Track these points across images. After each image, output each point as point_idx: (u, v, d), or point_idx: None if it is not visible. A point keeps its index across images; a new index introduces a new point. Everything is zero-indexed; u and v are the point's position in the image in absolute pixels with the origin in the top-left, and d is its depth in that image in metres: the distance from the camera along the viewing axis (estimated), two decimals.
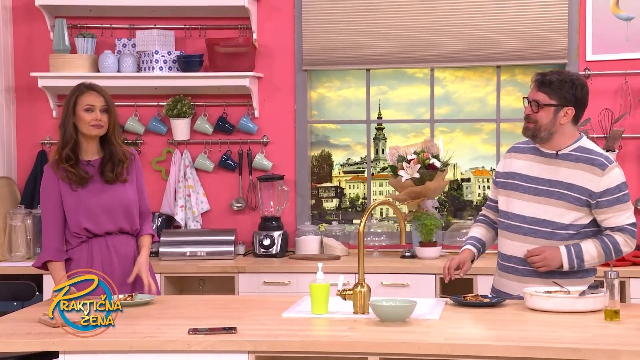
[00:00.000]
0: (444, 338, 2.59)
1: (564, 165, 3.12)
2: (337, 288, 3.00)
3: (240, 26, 4.91)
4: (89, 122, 3.32)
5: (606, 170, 3.08)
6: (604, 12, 4.57)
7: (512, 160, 3.25)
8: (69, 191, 3.36)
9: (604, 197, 3.07)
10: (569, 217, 3.11)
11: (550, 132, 3.12)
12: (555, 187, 3.12)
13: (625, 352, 2.41)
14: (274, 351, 2.61)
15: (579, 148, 3.13)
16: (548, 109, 3.10)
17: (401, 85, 5.02)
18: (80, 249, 3.40)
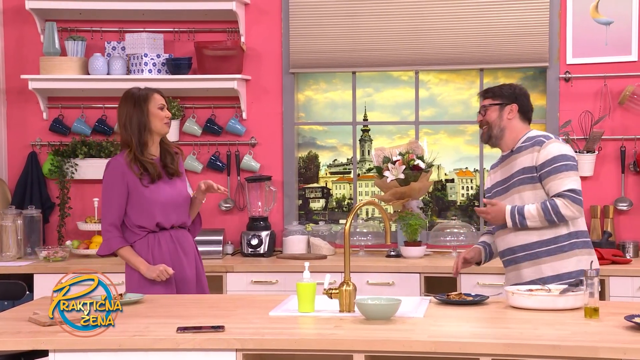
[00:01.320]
0: (428, 336, 2.59)
1: (517, 158, 3.36)
2: (323, 287, 3.00)
3: (228, 29, 4.91)
4: (163, 120, 3.51)
5: (543, 145, 3.30)
6: (583, 16, 4.59)
7: (491, 177, 3.54)
8: (139, 186, 3.47)
9: (543, 168, 3.28)
10: (536, 197, 3.29)
11: (501, 129, 3.39)
12: (516, 177, 3.35)
13: (604, 349, 2.42)
14: (261, 349, 2.61)
15: (527, 139, 3.38)
16: (493, 109, 3.40)
17: (386, 88, 5.02)
18: (145, 241, 3.49)
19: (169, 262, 3.48)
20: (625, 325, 2.64)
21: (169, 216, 3.51)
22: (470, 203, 4.92)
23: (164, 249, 3.50)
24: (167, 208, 3.50)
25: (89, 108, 5.02)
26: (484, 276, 4.19)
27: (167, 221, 3.51)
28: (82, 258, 4.67)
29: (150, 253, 3.48)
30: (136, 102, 3.50)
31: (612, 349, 2.42)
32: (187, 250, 3.56)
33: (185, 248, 3.56)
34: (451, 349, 2.51)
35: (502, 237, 3.38)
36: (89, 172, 4.89)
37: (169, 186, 3.53)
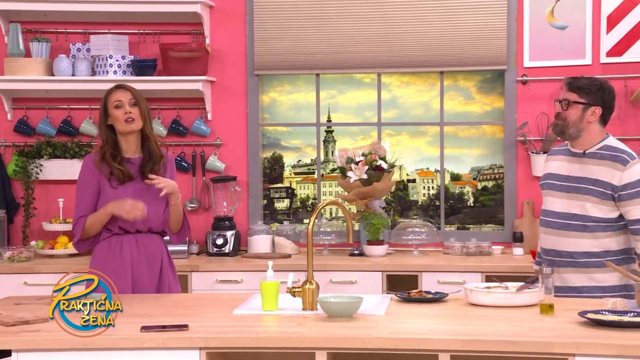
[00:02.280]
0: (388, 332, 2.61)
1: (590, 163, 3.24)
2: (287, 285, 3.00)
3: (193, 32, 4.89)
4: (122, 118, 3.32)
5: (627, 165, 3.19)
6: (540, 21, 4.65)
7: (550, 163, 3.40)
8: (108, 187, 3.36)
9: (625, 190, 3.17)
10: (596, 211, 3.21)
11: (579, 130, 3.24)
12: (583, 184, 3.24)
13: (558, 344, 2.46)
14: (225, 347, 2.60)
15: (605, 147, 3.26)
16: (577, 107, 3.23)
17: (349, 90, 5.04)
18: (109, 241, 3.40)
19: (128, 266, 3.37)
20: (579, 321, 2.68)
21: (134, 222, 3.35)
22: (432, 202, 4.96)
23: (125, 253, 3.38)
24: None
25: (54, 109, 4.96)
26: (444, 274, 4.22)
27: (130, 225, 3.38)
28: (47, 258, 4.62)
29: (110, 254, 3.39)
30: (102, 104, 3.42)
31: (566, 344, 2.45)
32: (151, 257, 3.43)
33: (149, 254, 3.42)
34: (411, 346, 2.53)
35: (550, 237, 3.29)
36: (53, 173, 4.83)
37: (142, 190, 3.39)
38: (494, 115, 4.85)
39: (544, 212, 3.36)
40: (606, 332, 2.53)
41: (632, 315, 2.65)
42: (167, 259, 3.51)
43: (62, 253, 4.63)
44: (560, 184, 3.30)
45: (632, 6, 4.56)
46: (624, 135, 4.60)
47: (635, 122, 4.61)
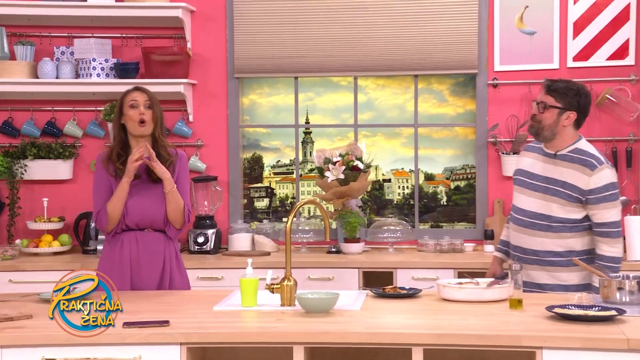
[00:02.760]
0: (364, 327, 2.62)
1: (560, 165, 3.25)
2: (265, 282, 3.00)
3: (174, 35, 4.87)
4: (135, 118, 3.28)
5: (595, 170, 3.20)
6: (509, 27, 4.68)
7: (523, 158, 3.40)
8: (114, 184, 3.33)
9: (592, 194, 3.19)
10: (562, 212, 3.22)
11: (553, 133, 3.25)
12: (551, 185, 3.25)
13: (526, 338, 2.48)
14: (205, 342, 2.60)
15: (576, 149, 3.26)
16: (552, 111, 3.23)
17: (327, 93, 5.04)
18: (113, 239, 3.37)
19: (127, 264, 3.34)
20: (546, 315, 2.70)
21: (133, 217, 3.34)
22: (406, 202, 4.98)
23: (125, 250, 3.35)
24: (132, 209, 3.33)
25: (38, 111, 4.92)
26: (418, 271, 4.24)
27: (130, 222, 3.34)
28: (31, 256, 4.58)
29: (111, 252, 3.37)
30: (117, 103, 3.37)
31: (534, 338, 2.48)
32: (152, 255, 3.37)
33: (150, 252, 3.36)
34: (385, 340, 2.54)
35: (516, 234, 3.31)
36: (38, 173, 4.79)
37: (145, 189, 3.34)
38: (466, 118, 4.88)
39: (514, 207, 3.39)
40: (572, 326, 2.56)
41: (597, 310, 2.68)
42: (173, 257, 3.42)
43: (46, 251, 4.60)
44: (531, 182, 3.32)
45: (597, 13, 4.61)
46: (590, 137, 4.65)
47: (600, 125, 4.66)
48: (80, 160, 4.93)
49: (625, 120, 4.61)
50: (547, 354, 2.45)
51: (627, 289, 2.86)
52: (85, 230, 4.70)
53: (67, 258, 4.54)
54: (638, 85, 4.58)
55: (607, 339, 2.43)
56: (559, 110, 3.24)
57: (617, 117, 4.63)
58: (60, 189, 4.92)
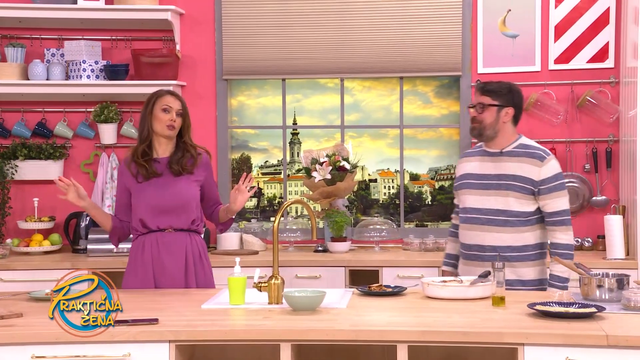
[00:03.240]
0: (349, 325, 2.61)
1: (509, 161, 3.29)
2: (253, 281, 2.99)
3: (164, 38, 4.85)
4: (165, 122, 3.28)
5: (545, 161, 3.26)
6: (492, 30, 4.70)
7: (464, 165, 3.43)
8: (134, 184, 3.33)
9: (543, 185, 3.24)
10: (518, 205, 3.26)
11: (495, 131, 3.30)
12: (503, 180, 3.28)
13: (508, 334, 2.49)
14: (194, 340, 2.59)
15: (520, 145, 3.32)
16: (491, 109, 3.29)
17: (314, 94, 5.04)
18: (137, 241, 3.36)
19: (149, 266, 3.30)
20: (528, 312, 2.71)
21: (155, 217, 3.30)
22: (392, 201, 4.99)
23: (147, 252, 3.31)
24: (154, 207, 3.29)
25: (29, 112, 4.89)
26: (403, 269, 4.25)
27: (151, 221, 3.31)
28: (22, 255, 4.55)
29: (134, 253, 3.35)
30: (148, 102, 3.35)
31: (516, 334, 2.48)
32: (174, 254, 3.31)
33: (172, 251, 3.30)
34: (371, 337, 2.55)
35: (473, 232, 3.31)
36: (29, 173, 4.77)
37: (168, 186, 3.30)
38: (451, 119, 4.89)
39: (464, 210, 3.38)
40: (553, 323, 2.57)
41: (577, 307, 2.70)
42: (196, 255, 3.38)
43: (36, 250, 4.57)
44: (479, 182, 3.34)
45: (577, 17, 4.63)
46: (570, 138, 4.68)
47: (582, 126, 4.68)
48: (70, 161, 4.91)
49: (605, 122, 4.63)
50: (528, 350, 2.46)
51: (607, 286, 2.88)
52: (76, 229, 4.68)
53: (58, 257, 4.52)
54: (617, 87, 4.61)
55: (587, 335, 2.44)
56: (497, 107, 3.30)
57: (597, 119, 4.65)
58: (50, 189, 4.87)
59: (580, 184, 4.66)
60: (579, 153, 4.68)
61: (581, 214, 4.69)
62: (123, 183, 3.39)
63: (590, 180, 4.68)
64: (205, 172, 3.42)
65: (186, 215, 3.35)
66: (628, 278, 2.93)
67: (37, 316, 2.76)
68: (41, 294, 3.11)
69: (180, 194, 3.33)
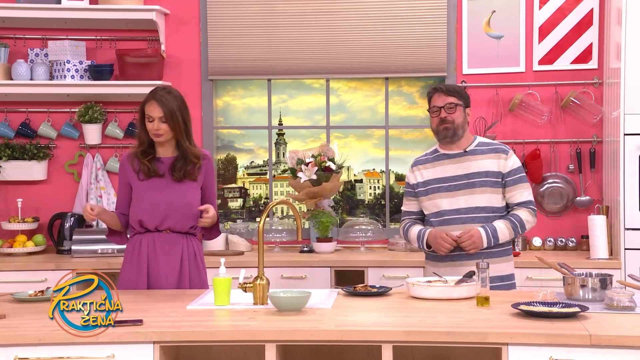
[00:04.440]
0: (334, 325, 2.61)
1: (475, 159, 3.34)
2: (238, 281, 2.99)
3: (149, 38, 4.84)
4: (151, 132, 3.29)
5: (508, 154, 3.36)
6: (477, 31, 4.72)
7: (421, 172, 3.41)
8: (136, 180, 3.33)
9: (509, 176, 3.32)
10: (495, 200, 3.32)
11: (464, 130, 3.37)
12: (474, 178, 3.32)
13: (492, 334, 2.49)
14: (178, 341, 2.58)
15: (480, 143, 3.39)
16: (460, 109, 3.34)
17: (300, 95, 5.04)
18: (133, 239, 3.37)
19: (144, 263, 3.30)
20: (512, 312, 2.72)
21: (155, 218, 3.29)
22: (377, 201, 5.00)
23: (142, 250, 3.31)
24: (154, 209, 3.29)
25: (13, 112, 4.86)
26: (389, 269, 4.26)
27: (150, 222, 3.30)
28: (5, 256, 4.52)
29: (131, 252, 3.35)
30: (140, 107, 3.33)
31: (500, 334, 2.49)
32: (169, 255, 3.31)
33: (168, 252, 3.31)
34: (356, 337, 2.55)
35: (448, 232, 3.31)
36: (12, 174, 4.74)
37: (169, 189, 3.30)
38: None
39: (438, 213, 3.36)
40: (537, 323, 2.58)
41: (561, 307, 2.71)
42: (192, 257, 3.37)
43: (20, 251, 4.55)
44: (449, 184, 3.35)
45: (561, 18, 4.66)
46: (554, 138, 4.71)
47: (565, 127, 4.71)
48: (54, 161, 4.88)
49: (588, 123, 4.66)
50: (512, 349, 2.47)
51: (590, 286, 2.90)
52: (60, 230, 4.65)
53: (41, 258, 4.49)
54: (601, 88, 4.64)
55: (570, 334, 2.46)
56: (463, 107, 3.37)
57: (581, 119, 4.68)
58: (34, 190, 4.86)
59: (564, 184, 4.69)
60: (563, 153, 4.71)
61: (565, 214, 4.72)
62: (125, 178, 3.38)
63: (574, 181, 4.70)
64: (206, 175, 3.41)
65: (186, 220, 3.34)
66: (611, 278, 2.95)
67: (21, 317, 2.75)
68: (24, 295, 3.09)
69: (183, 198, 3.32)
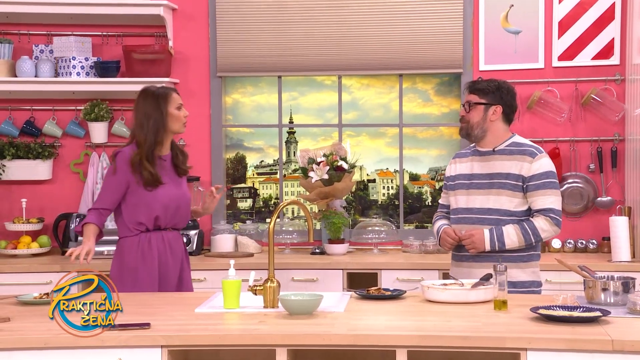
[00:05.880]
0: (347, 329, 2.61)
1: (500, 159, 3.31)
2: (248, 284, 2.99)
3: (156, 34, 4.85)
4: (182, 120, 3.44)
5: (536, 157, 3.28)
6: (494, 26, 4.71)
7: (456, 165, 3.44)
8: (140, 189, 3.39)
9: (532, 181, 3.25)
10: (510, 204, 3.27)
11: (483, 130, 3.32)
12: (495, 179, 3.30)
13: (510, 339, 2.48)
14: (187, 345, 2.58)
15: (513, 143, 3.34)
16: (478, 108, 3.31)
17: (311, 92, 5.04)
18: (138, 237, 3.42)
19: (156, 262, 3.41)
20: (531, 316, 2.71)
21: (169, 217, 3.46)
22: (391, 202, 4.99)
23: (154, 249, 3.43)
24: (169, 209, 3.45)
25: (17, 110, 4.89)
26: (403, 272, 4.25)
27: (165, 222, 3.45)
28: (9, 258, 4.55)
29: (140, 251, 3.42)
30: (155, 102, 3.41)
31: (518, 339, 2.48)
32: (175, 253, 3.49)
33: (174, 250, 3.49)
34: (369, 342, 2.54)
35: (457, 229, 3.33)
36: (16, 173, 4.77)
37: (175, 187, 3.48)
38: (451, 117, 4.89)
39: (455, 210, 3.39)
40: (557, 327, 2.57)
41: (582, 311, 2.70)
42: (185, 255, 3.58)
43: (24, 253, 4.57)
44: (470, 182, 3.36)
45: (582, 12, 4.64)
46: (574, 137, 4.69)
47: (586, 125, 4.69)
48: (59, 160, 4.91)
49: (610, 120, 4.64)
50: (531, 355, 2.46)
51: (612, 289, 2.88)
52: (65, 231, 4.67)
53: (46, 260, 4.51)
54: (623, 84, 4.61)
55: (591, 340, 2.44)
56: (484, 106, 3.32)
57: (602, 117, 4.66)
58: (39, 190, 4.89)
59: (584, 184, 4.67)
60: (584, 152, 4.69)
61: (586, 215, 4.70)
62: (123, 182, 3.42)
63: (595, 181, 4.68)
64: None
65: (187, 215, 3.56)
66: (634, 281, 2.93)
67: (26, 321, 2.76)
68: (29, 297, 3.11)
69: (187, 193, 3.55)
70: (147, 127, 3.41)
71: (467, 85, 3.41)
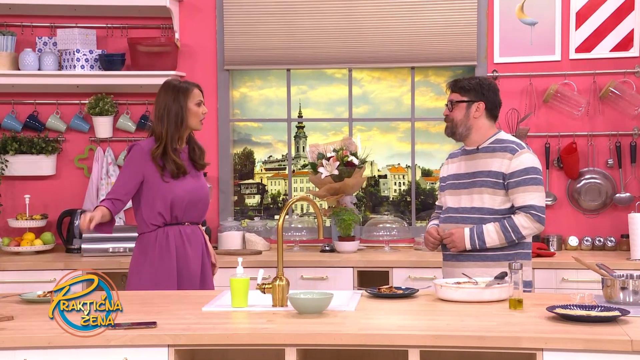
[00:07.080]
0: (358, 328, 2.61)
1: (484, 157, 3.35)
2: (256, 282, 2.99)
3: (162, 26, 4.86)
4: (200, 117, 3.50)
5: (516, 154, 3.30)
6: (510, 17, 4.69)
7: (448, 166, 3.51)
8: (159, 180, 3.42)
9: (512, 177, 3.28)
10: (493, 202, 3.30)
11: (467, 127, 3.37)
12: (477, 177, 3.34)
13: (526, 339, 2.48)
14: (194, 344, 2.58)
15: (496, 140, 3.37)
16: (461, 106, 3.35)
17: (320, 85, 5.04)
18: (156, 233, 3.46)
19: (174, 256, 3.45)
20: (547, 315, 2.70)
21: (188, 212, 3.49)
22: (403, 198, 4.98)
23: (171, 243, 3.47)
24: (188, 203, 3.48)
25: (20, 104, 4.90)
26: (415, 270, 4.25)
27: (184, 216, 3.49)
28: (12, 255, 4.57)
29: (157, 245, 3.45)
30: (176, 95, 3.46)
31: (534, 339, 2.47)
32: (195, 246, 3.53)
33: (193, 243, 3.52)
34: (380, 342, 2.54)
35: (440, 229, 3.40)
36: (20, 169, 4.78)
37: (194, 181, 3.52)
38: None
39: (445, 211, 3.46)
40: (574, 327, 2.56)
41: (599, 310, 2.69)
42: (206, 248, 3.61)
43: (28, 250, 4.59)
44: (458, 182, 3.41)
45: (600, 3, 4.62)
46: (592, 131, 4.67)
47: (604, 119, 4.67)
48: (63, 156, 4.92)
49: (629, 114, 4.62)
50: (547, 355, 2.45)
51: (631, 288, 2.87)
52: (69, 228, 4.69)
53: (50, 257, 4.53)
54: None
55: (609, 340, 2.43)
56: (467, 103, 3.36)
57: (621, 111, 4.64)
58: (42, 186, 4.91)
59: (602, 180, 4.65)
60: (602, 147, 4.67)
61: (603, 211, 4.68)
62: (140, 169, 3.44)
63: (613, 176, 4.66)
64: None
65: (206, 208, 3.60)
66: None
67: (29, 319, 2.77)
68: (33, 295, 3.12)
69: (205, 187, 3.59)
70: (167, 121, 3.45)
71: (449, 84, 3.46)
